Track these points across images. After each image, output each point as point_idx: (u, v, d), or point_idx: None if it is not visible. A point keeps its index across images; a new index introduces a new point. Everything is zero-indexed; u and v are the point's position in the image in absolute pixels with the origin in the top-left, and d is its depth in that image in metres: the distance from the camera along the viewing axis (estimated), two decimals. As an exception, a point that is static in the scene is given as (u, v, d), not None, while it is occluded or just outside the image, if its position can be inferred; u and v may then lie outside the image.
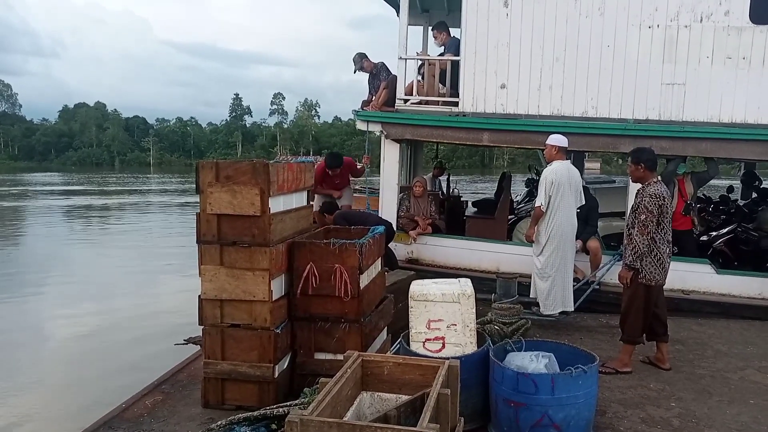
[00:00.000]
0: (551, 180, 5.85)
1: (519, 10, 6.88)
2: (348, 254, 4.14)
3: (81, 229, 20.15)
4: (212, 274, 4.04)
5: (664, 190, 4.81)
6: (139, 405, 4.28)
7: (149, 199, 32.07)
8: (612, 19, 6.69)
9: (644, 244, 4.74)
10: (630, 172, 5.13)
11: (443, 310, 3.81)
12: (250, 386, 4.09)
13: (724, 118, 6.60)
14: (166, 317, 8.70)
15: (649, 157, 4.94)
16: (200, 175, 4.00)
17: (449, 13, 8.77)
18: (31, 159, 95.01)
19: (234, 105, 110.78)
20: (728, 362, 5.33)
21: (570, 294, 6.10)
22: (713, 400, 4.48)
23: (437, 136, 7.55)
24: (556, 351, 3.88)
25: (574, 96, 6.89)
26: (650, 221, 4.73)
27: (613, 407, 4.27)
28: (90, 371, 6.76)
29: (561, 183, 5.85)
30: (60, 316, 9.34)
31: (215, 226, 3.99)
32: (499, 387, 3.60)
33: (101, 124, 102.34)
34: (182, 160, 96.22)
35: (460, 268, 7.33)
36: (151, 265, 13.53)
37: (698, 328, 6.35)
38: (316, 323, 4.27)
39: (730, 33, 6.48)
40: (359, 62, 8.06)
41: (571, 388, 3.46)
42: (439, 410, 2.50)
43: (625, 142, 6.76)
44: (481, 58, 7.04)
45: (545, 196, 5.87)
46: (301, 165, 4.56)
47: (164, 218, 23.20)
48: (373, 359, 2.96)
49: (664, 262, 4.85)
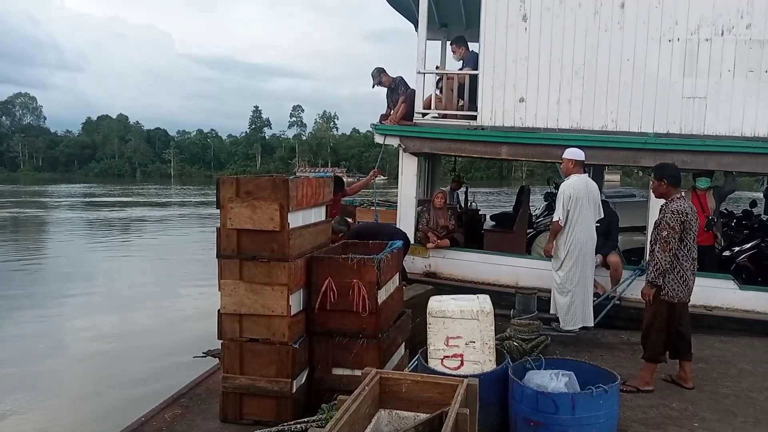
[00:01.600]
0: (569, 194, 5.82)
1: (538, 25, 6.88)
2: (366, 269, 4.14)
3: (102, 241, 20.42)
4: (231, 289, 4.07)
5: (687, 206, 4.74)
6: (158, 418, 4.30)
7: (170, 212, 32.42)
8: (632, 33, 6.65)
9: (666, 260, 4.68)
10: (653, 188, 5.08)
11: (462, 327, 3.79)
12: (268, 401, 4.09)
13: (747, 131, 6.51)
14: (186, 330, 8.76)
15: (672, 173, 4.88)
16: (221, 190, 4.04)
17: (467, 27, 8.80)
18: (54, 170, 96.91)
19: (254, 117, 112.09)
20: (753, 381, 5.21)
21: (590, 309, 6.02)
22: (738, 421, 4.38)
23: (455, 149, 7.54)
24: (576, 369, 3.83)
25: (593, 109, 6.85)
26: (672, 237, 4.66)
27: (635, 427, 4.19)
28: (109, 383, 6.83)
29: (579, 197, 5.81)
30: (80, 328, 9.46)
31: (235, 241, 4.02)
32: (518, 406, 3.57)
33: (123, 136, 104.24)
34: (202, 171, 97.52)
35: (478, 282, 7.29)
36: (171, 278, 13.66)
37: (722, 346, 6.23)
38: (334, 338, 4.27)
39: (752, 46, 6.41)
40: (377, 77, 8.10)
41: (592, 407, 3.42)
42: (458, 430, 2.48)
43: (645, 156, 6.70)
44: (500, 71, 7.04)
45: (563, 210, 5.83)
46: (320, 180, 4.59)
47: (184, 231, 23.43)
48: (391, 377, 2.95)
49: (688, 279, 4.76)
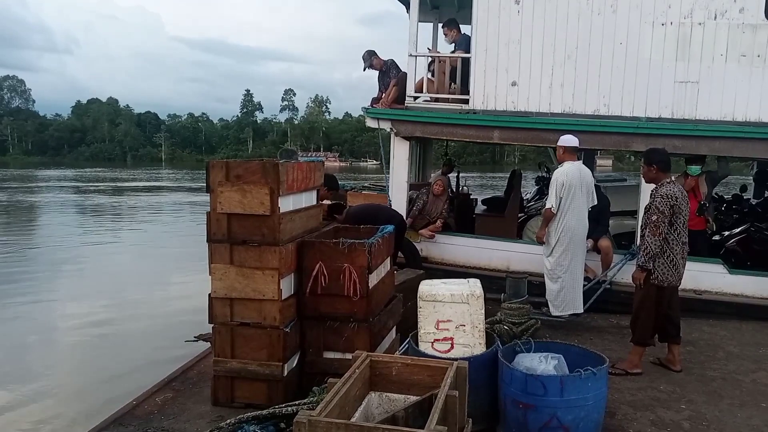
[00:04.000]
0: (562, 182, 5.83)
1: (530, 7, 6.83)
2: (357, 254, 4.14)
3: (92, 226, 20.30)
4: (222, 273, 4.06)
5: (677, 190, 4.77)
6: (150, 402, 4.31)
7: (161, 197, 32.25)
8: (625, 17, 6.62)
9: (656, 245, 4.71)
10: (643, 173, 5.11)
11: (452, 311, 3.80)
12: (259, 384, 4.10)
13: (738, 116, 6.53)
14: (177, 314, 8.74)
15: (661, 158, 4.90)
16: (210, 174, 4.02)
17: (459, 9, 8.72)
18: (44, 154, 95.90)
19: (245, 101, 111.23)
20: (740, 364, 5.28)
21: (580, 296, 6.06)
22: (724, 402, 4.44)
23: (447, 133, 7.53)
24: (565, 352, 3.86)
25: (585, 94, 6.84)
26: (662, 222, 4.69)
27: (623, 409, 4.25)
28: (100, 367, 6.81)
29: (572, 185, 5.82)
30: (70, 313, 9.40)
31: (225, 225, 4.01)
32: (507, 388, 3.60)
33: (113, 120, 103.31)
34: (194, 155, 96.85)
35: (469, 267, 7.31)
36: (161, 262, 13.61)
37: (710, 329, 6.30)
38: (325, 322, 4.27)
39: (745, 30, 6.40)
40: (369, 60, 8.04)
41: (581, 389, 3.45)
42: (447, 411, 2.50)
43: (637, 141, 6.71)
44: (492, 55, 7.00)
45: (556, 197, 5.85)
46: (310, 164, 4.57)
47: (176, 215, 23.32)
48: (381, 359, 2.96)
49: (678, 263, 4.81)
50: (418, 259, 7.17)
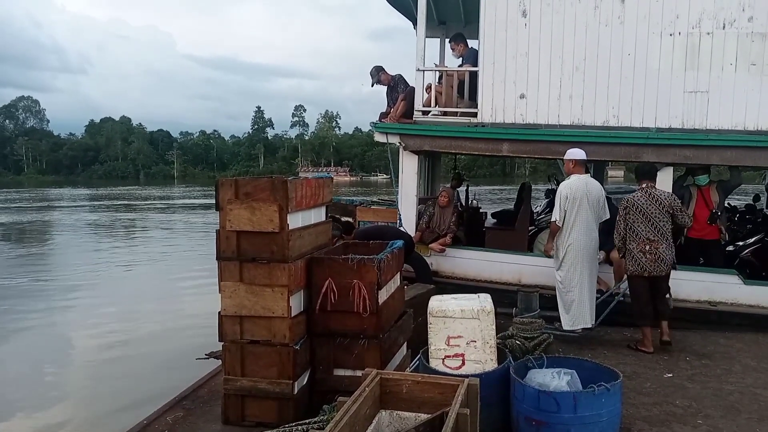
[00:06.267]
0: (565, 195, 5.84)
1: (537, 20, 6.84)
2: (366, 270, 4.12)
3: (107, 244, 20.45)
4: (232, 291, 4.06)
5: (637, 197, 5.74)
6: (161, 421, 4.30)
7: (173, 216, 32.48)
8: (632, 28, 6.61)
9: (617, 239, 5.91)
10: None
11: (463, 327, 3.77)
12: (269, 403, 4.08)
13: (749, 125, 6.47)
14: (189, 331, 8.74)
15: (636, 168, 6.04)
16: (220, 192, 4.03)
17: (466, 25, 8.76)
18: (58, 173, 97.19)
19: (256, 117, 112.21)
20: (757, 378, 5.18)
21: (592, 310, 6.01)
22: (742, 417, 4.35)
23: (456, 147, 7.52)
24: (578, 367, 3.81)
25: (594, 105, 6.82)
26: (618, 223, 5.85)
27: (638, 425, 4.17)
28: (112, 385, 6.82)
29: (576, 197, 5.82)
30: (83, 330, 9.45)
31: (235, 243, 4.01)
32: (520, 405, 3.55)
33: (126, 138, 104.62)
34: (206, 172, 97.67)
35: (480, 281, 7.26)
36: (173, 280, 13.65)
37: (726, 342, 6.19)
38: (335, 339, 4.25)
39: (754, 39, 6.36)
40: (376, 75, 8.08)
41: (594, 406, 3.40)
42: (459, 430, 2.47)
43: (647, 151, 6.67)
44: (500, 68, 7.00)
45: (560, 210, 5.86)
46: (319, 181, 4.57)
47: (187, 233, 23.44)
48: (391, 377, 2.94)
49: (637, 257, 5.70)
50: (428, 273, 7.14)
